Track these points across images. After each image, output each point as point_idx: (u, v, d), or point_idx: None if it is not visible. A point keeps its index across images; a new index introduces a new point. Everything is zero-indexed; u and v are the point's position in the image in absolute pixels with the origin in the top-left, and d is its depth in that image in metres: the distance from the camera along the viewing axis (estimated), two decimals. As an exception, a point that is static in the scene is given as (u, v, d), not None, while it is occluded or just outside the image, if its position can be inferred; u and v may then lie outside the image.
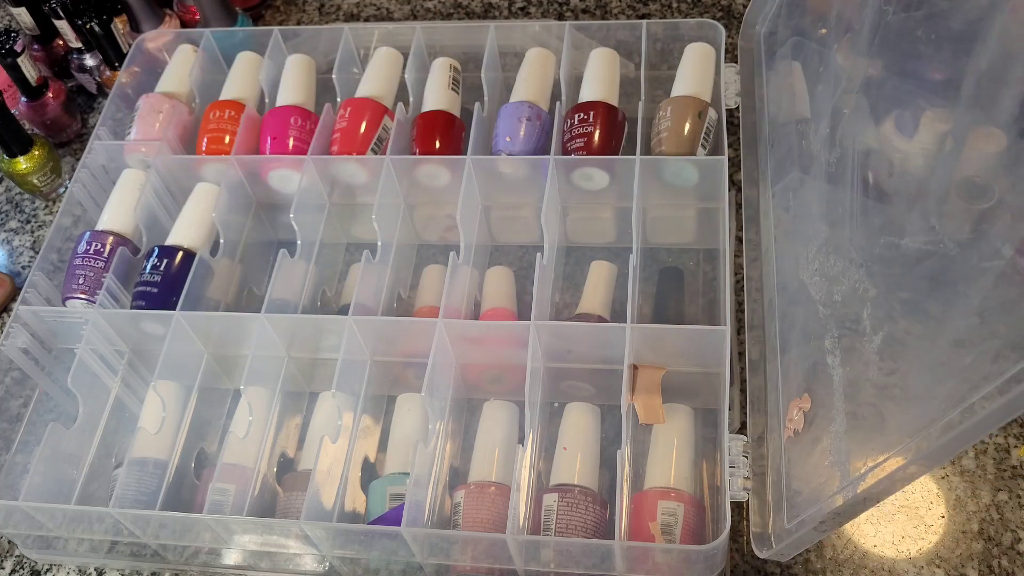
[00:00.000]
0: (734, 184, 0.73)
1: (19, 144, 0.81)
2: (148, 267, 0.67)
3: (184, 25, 0.91)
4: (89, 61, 0.89)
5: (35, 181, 0.83)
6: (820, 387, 0.57)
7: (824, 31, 0.71)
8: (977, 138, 0.52)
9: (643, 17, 0.90)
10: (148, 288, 0.66)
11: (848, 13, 0.62)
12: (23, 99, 0.85)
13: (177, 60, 0.80)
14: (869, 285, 0.54)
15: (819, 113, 0.65)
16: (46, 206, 0.86)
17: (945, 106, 0.55)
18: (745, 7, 0.88)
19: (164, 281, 0.66)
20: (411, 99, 0.74)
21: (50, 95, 0.86)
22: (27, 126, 0.84)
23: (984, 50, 0.50)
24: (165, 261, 0.67)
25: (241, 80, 0.78)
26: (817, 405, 0.57)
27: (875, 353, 0.52)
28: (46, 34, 0.91)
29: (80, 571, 0.66)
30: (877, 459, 0.49)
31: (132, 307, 0.66)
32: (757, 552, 0.57)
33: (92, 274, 0.68)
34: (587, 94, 0.71)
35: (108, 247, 0.69)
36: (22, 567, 0.67)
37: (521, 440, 0.60)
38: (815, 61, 0.69)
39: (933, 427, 0.45)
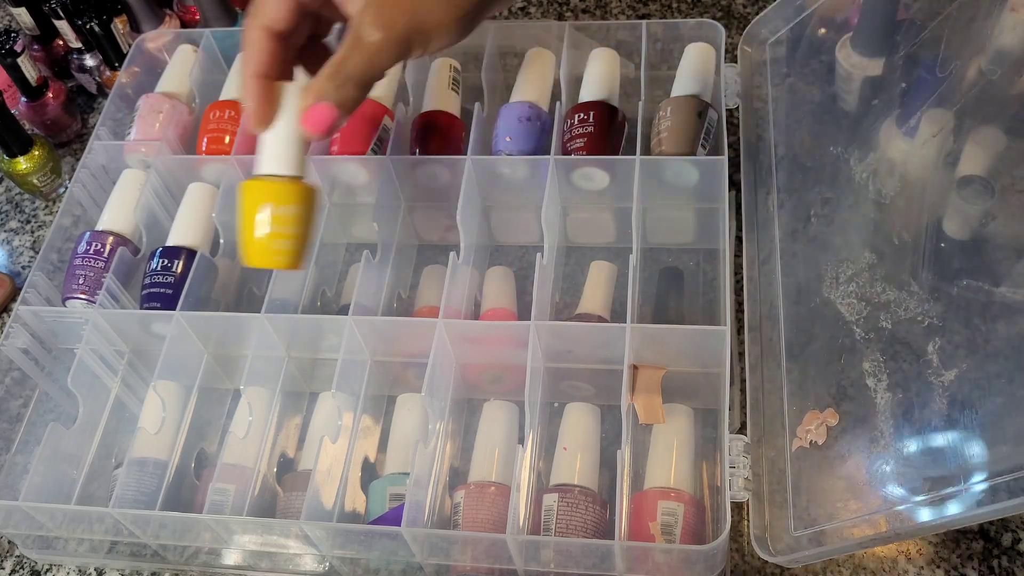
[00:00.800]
0: (734, 184, 0.73)
1: (19, 144, 0.81)
2: (158, 267, 0.67)
3: (184, 25, 0.91)
4: (89, 61, 0.89)
5: (35, 181, 0.83)
6: (854, 406, 0.57)
7: (837, 38, 0.71)
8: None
9: (643, 17, 0.90)
10: (162, 289, 0.66)
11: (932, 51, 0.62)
12: (23, 99, 0.85)
13: (177, 60, 0.80)
14: (938, 321, 0.54)
15: (865, 141, 0.65)
16: (46, 206, 0.86)
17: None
18: (745, 7, 0.88)
19: (178, 282, 0.66)
20: (411, 99, 0.74)
21: (50, 95, 0.86)
22: (27, 126, 0.84)
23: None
24: (176, 261, 0.67)
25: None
26: (851, 423, 0.57)
27: (944, 387, 0.53)
28: (46, 34, 0.91)
29: (80, 571, 0.66)
30: (940, 489, 0.49)
31: (144, 308, 0.66)
32: (761, 554, 0.58)
33: (92, 274, 0.68)
34: (587, 94, 0.71)
35: (108, 247, 0.69)
36: (22, 567, 0.67)
37: (521, 440, 0.60)
38: (841, 77, 0.69)
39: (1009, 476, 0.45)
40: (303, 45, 0.55)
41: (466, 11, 0.51)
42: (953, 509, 0.48)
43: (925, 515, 0.50)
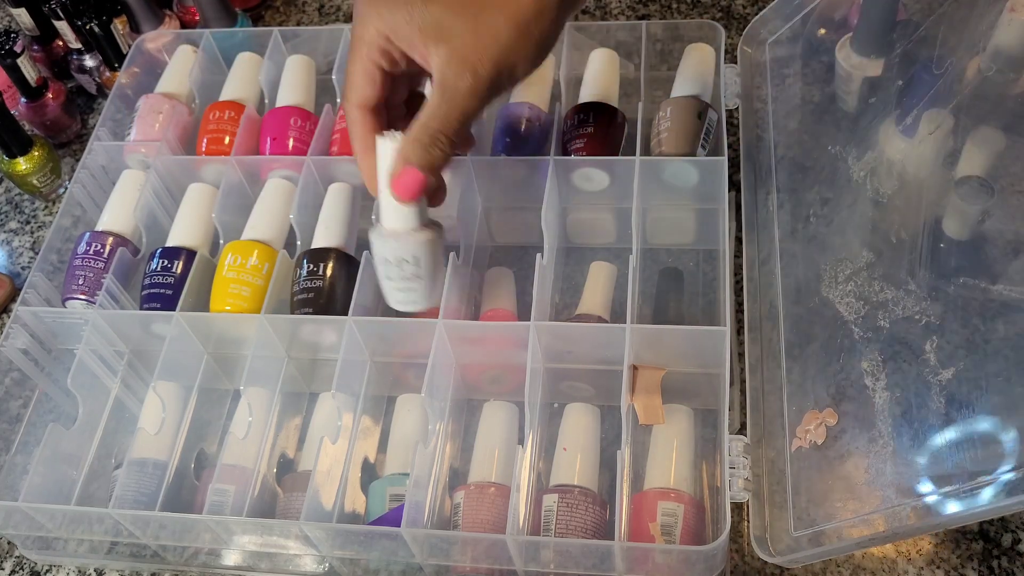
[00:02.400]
0: (734, 185, 0.73)
1: (19, 145, 0.81)
2: (158, 267, 0.67)
3: (184, 26, 0.91)
4: (89, 62, 0.89)
5: (35, 182, 0.83)
6: (854, 406, 0.57)
7: (828, 33, 0.71)
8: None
9: (643, 18, 0.90)
10: (161, 290, 0.66)
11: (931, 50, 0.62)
12: (23, 100, 0.85)
13: (177, 61, 0.80)
14: (936, 319, 0.54)
15: (862, 140, 0.65)
16: (46, 207, 0.86)
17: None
18: (745, 8, 0.88)
19: (177, 282, 0.66)
20: (411, 100, 0.74)
21: (50, 96, 0.86)
22: (27, 127, 0.84)
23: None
24: (176, 262, 0.67)
25: (241, 81, 0.78)
26: (849, 423, 0.57)
27: (942, 386, 0.52)
28: (46, 35, 0.91)
29: (80, 572, 0.66)
30: (940, 487, 0.49)
31: (143, 308, 0.66)
32: (761, 554, 0.58)
33: (92, 275, 0.68)
34: (587, 95, 0.71)
35: (108, 248, 0.69)
36: (22, 568, 0.66)
37: (521, 441, 0.60)
38: (841, 77, 0.69)
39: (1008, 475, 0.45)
40: (408, 99, 0.57)
41: (544, 35, 0.50)
42: (952, 508, 0.48)
43: (924, 515, 0.50)
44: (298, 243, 0.68)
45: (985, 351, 0.51)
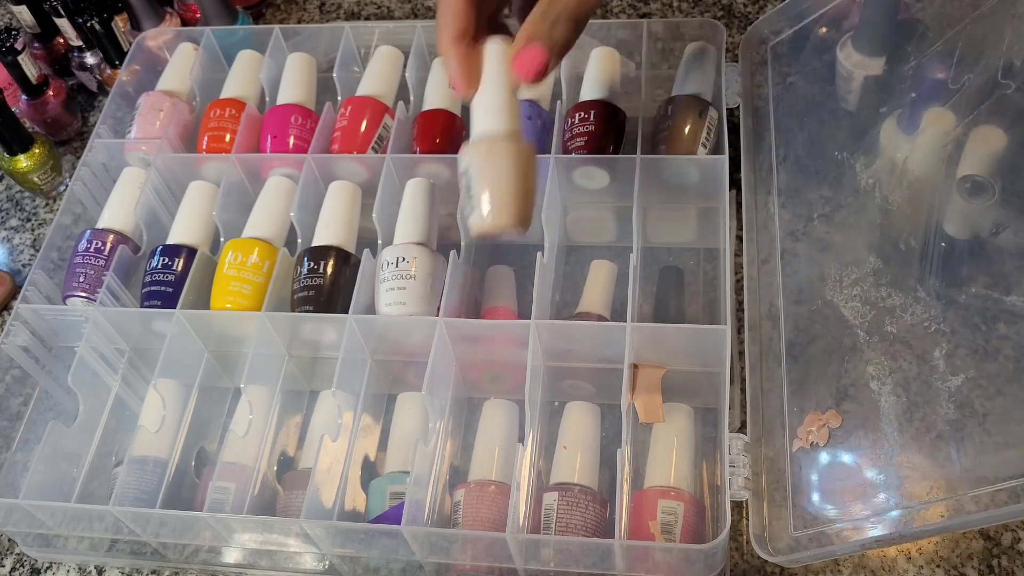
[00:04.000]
0: (734, 184, 0.73)
1: (19, 142, 0.81)
2: (159, 265, 0.67)
3: (185, 23, 0.91)
4: (90, 59, 0.89)
5: (35, 179, 0.83)
6: (858, 408, 0.57)
7: (829, 32, 0.71)
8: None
9: (644, 16, 0.90)
10: (162, 287, 0.66)
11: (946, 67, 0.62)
12: (23, 97, 0.85)
13: (178, 58, 0.80)
14: (946, 326, 0.54)
15: (863, 141, 0.65)
16: (46, 204, 0.86)
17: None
18: (746, 7, 0.88)
19: (178, 280, 0.66)
20: (412, 98, 0.74)
21: (50, 93, 0.86)
22: (27, 124, 0.84)
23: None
24: (177, 260, 0.67)
25: (242, 78, 0.78)
26: (852, 425, 0.57)
27: (950, 392, 0.52)
28: (46, 32, 0.91)
29: (80, 569, 0.66)
30: (943, 494, 0.49)
31: (144, 306, 0.66)
32: (766, 556, 0.58)
33: (92, 272, 0.68)
34: (588, 93, 0.71)
35: (108, 245, 0.69)
36: (22, 565, 0.67)
37: (521, 439, 0.60)
38: (842, 76, 0.69)
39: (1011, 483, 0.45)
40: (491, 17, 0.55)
41: None
42: (956, 513, 0.48)
43: (927, 519, 0.50)
44: (299, 241, 0.68)
45: (995, 360, 0.51)
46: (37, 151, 0.82)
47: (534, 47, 0.50)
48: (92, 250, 0.69)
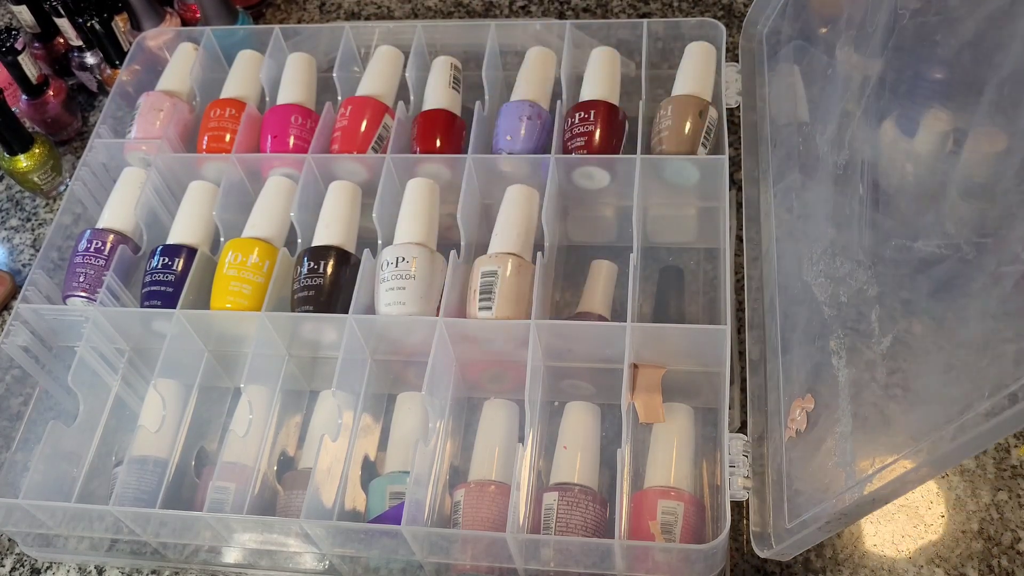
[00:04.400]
0: (734, 183, 0.73)
1: (20, 142, 0.81)
2: (159, 265, 0.67)
3: (185, 23, 0.91)
4: (90, 59, 0.89)
5: (36, 179, 0.83)
6: (824, 388, 0.57)
7: (825, 30, 0.71)
8: (980, 140, 0.52)
9: (644, 16, 0.90)
10: (162, 287, 0.66)
11: (857, 14, 0.62)
12: (24, 97, 0.85)
13: (178, 58, 0.80)
14: (877, 287, 0.54)
15: (825, 115, 0.65)
16: (46, 204, 0.86)
17: (952, 108, 0.55)
18: (746, 6, 0.88)
19: (178, 280, 0.66)
20: (412, 98, 0.74)
21: (51, 93, 0.86)
22: (28, 124, 0.84)
23: (1005, 54, 0.50)
24: (177, 260, 0.67)
25: (242, 78, 0.78)
26: (821, 405, 0.56)
27: (883, 355, 0.52)
28: (47, 32, 0.91)
29: (80, 569, 0.66)
30: (885, 460, 0.49)
31: (144, 306, 0.66)
32: (758, 551, 0.57)
33: (93, 272, 0.68)
34: (588, 93, 0.71)
35: (109, 245, 0.69)
36: (22, 565, 0.67)
37: (521, 439, 0.60)
38: (819, 62, 0.69)
39: (946, 429, 0.45)
40: None
41: None
42: (899, 479, 0.48)
43: (875, 489, 0.49)
44: (299, 241, 0.68)
45: (912, 312, 0.51)
46: (37, 151, 0.82)
47: None
48: (92, 250, 0.69)
